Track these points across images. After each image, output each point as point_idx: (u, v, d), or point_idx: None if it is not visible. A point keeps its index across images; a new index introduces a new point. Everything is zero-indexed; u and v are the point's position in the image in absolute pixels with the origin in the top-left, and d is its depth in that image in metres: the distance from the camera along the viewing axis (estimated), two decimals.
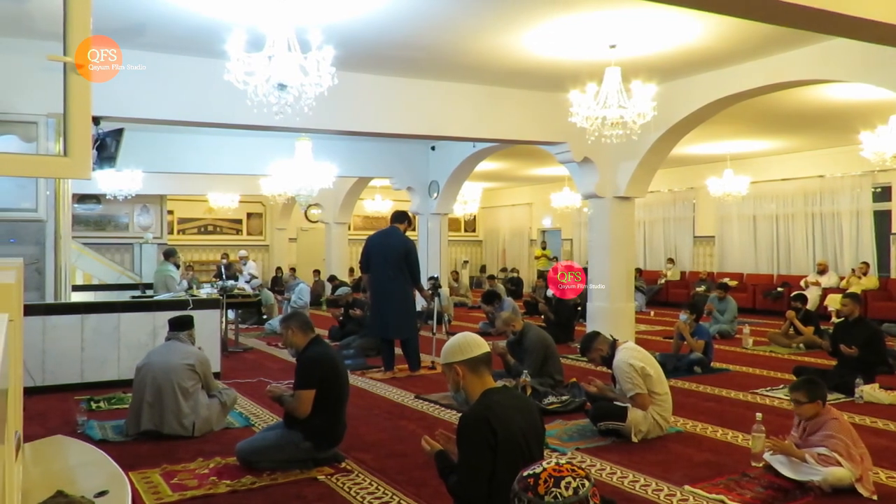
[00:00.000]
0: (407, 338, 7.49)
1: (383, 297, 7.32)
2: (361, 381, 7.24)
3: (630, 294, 9.31)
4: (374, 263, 7.36)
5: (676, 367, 7.58)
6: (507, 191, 22.25)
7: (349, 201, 16.33)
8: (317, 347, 4.33)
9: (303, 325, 4.37)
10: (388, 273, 7.30)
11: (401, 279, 7.39)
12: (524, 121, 8.57)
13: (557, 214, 18.49)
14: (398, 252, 7.38)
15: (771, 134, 11.95)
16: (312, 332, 4.41)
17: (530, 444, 2.77)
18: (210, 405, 5.12)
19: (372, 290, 7.45)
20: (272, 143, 11.52)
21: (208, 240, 20.08)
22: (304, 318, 4.45)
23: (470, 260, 23.26)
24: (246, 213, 20.42)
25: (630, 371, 4.85)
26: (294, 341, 4.35)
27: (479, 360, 2.87)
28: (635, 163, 8.82)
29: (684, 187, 16.28)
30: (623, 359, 4.91)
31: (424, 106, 8.06)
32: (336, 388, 4.28)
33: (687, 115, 8.08)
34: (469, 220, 23.21)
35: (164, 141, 11.00)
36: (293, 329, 4.35)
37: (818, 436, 4.06)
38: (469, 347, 2.89)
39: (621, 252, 9.16)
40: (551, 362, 6.17)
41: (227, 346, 9.08)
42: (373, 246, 7.40)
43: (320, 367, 4.22)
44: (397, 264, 7.34)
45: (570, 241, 20.16)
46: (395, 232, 7.57)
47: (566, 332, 9.73)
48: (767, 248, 14.64)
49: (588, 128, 6.40)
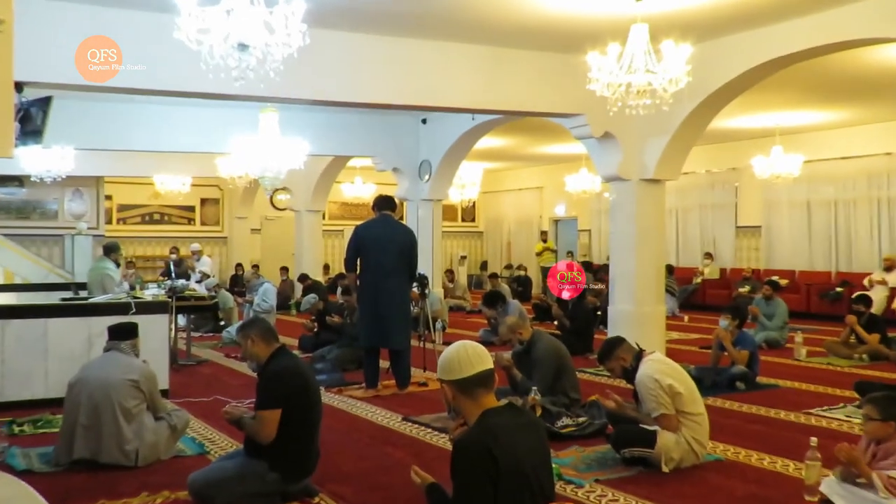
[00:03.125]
0: (403, 349, 7.54)
1: (381, 299, 7.34)
2: (338, 399, 7.25)
3: (660, 296, 9.33)
4: (371, 259, 7.39)
5: (715, 383, 7.60)
6: (512, 172, 22.25)
7: (324, 185, 16.29)
8: (282, 359, 4.35)
9: (265, 333, 4.39)
10: (387, 270, 7.34)
11: (401, 277, 7.45)
12: (533, 88, 8.57)
13: (573, 201, 18.50)
14: (404, 245, 7.46)
15: (828, 104, 11.97)
16: (276, 341, 4.44)
17: (539, 475, 2.78)
18: (157, 429, 5.12)
19: (365, 292, 7.44)
20: (231, 115, 11.49)
21: (154, 231, 20.03)
22: (266, 325, 4.48)
23: (468, 255, 23.28)
24: (200, 198, 20.36)
25: (655, 388, 4.85)
26: (254, 352, 4.37)
27: (471, 382, 2.86)
28: (666, 138, 8.83)
29: (724, 168, 16.31)
30: (647, 373, 4.91)
31: (414, 70, 8.05)
32: (306, 407, 4.30)
33: (728, 82, 8.08)
34: (467, 208, 23.24)
35: (100, 112, 10.96)
36: (253, 338, 4.37)
37: (891, 460, 4.08)
38: (461, 365, 2.87)
39: (649, 245, 9.17)
40: (566, 377, 6.19)
41: (178, 359, 9.06)
42: (369, 238, 7.40)
43: (286, 383, 4.24)
44: (400, 260, 7.41)
45: (587, 232, 20.18)
46: (394, 222, 7.65)
47: (583, 340, 9.75)
48: (824, 240, 14.69)
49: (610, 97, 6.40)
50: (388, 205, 7.64)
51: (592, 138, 9.06)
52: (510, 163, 20.78)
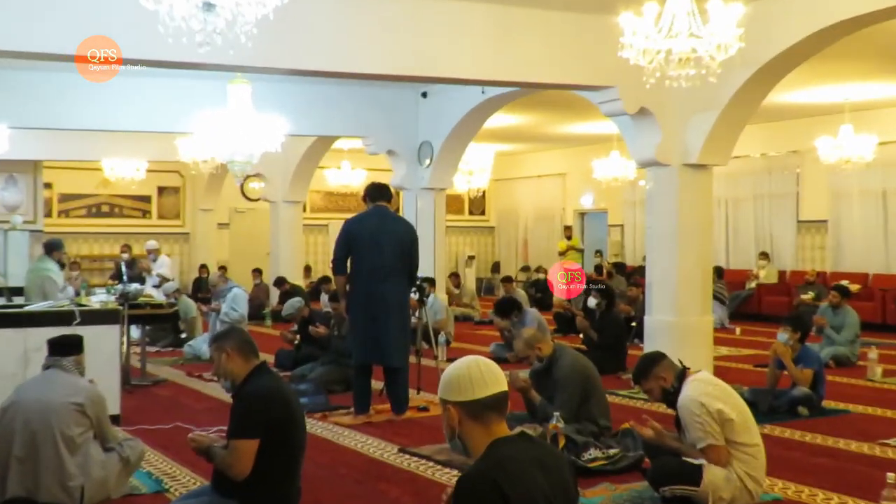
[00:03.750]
0: (402, 366, 7.56)
1: (377, 307, 7.35)
2: (322, 427, 7.26)
3: (706, 303, 9.33)
4: (364, 260, 7.40)
5: (773, 408, 7.60)
6: (530, 156, 22.24)
7: (304, 171, 16.29)
8: (262, 379, 4.36)
9: (243, 347, 4.41)
10: (383, 273, 7.37)
11: (400, 281, 7.50)
12: (555, 55, 8.56)
13: (602, 190, 18.49)
14: (403, 242, 7.50)
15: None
16: (256, 356, 4.46)
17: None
18: (106, 462, 5.12)
19: (357, 298, 7.45)
20: (195, 87, 11.49)
21: (103, 225, 20.06)
22: (245, 337, 4.50)
23: (477, 255, 23.28)
24: (157, 187, 20.38)
25: (701, 414, 4.85)
26: (230, 369, 4.38)
27: (484, 405, 2.84)
28: (713, 116, 8.82)
29: (784, 151, 16.30)
30: (692, 396, 4.91)
31: (412, 34, 8.04)
32: (289, 438, 4.31)
33: (787, 48, 8.06)
34: (476, 199, 23.25)
35: (38, 84, 10.98)
36: (229, 351, 4.37)
37: None
38: (473, 384, 2.85)
39: (693, 244, 9.16)
40: (594, 400, 6.18)
41: (131, 378, 9.07)
42: (361, 233, 7.42)
43: (267, 408, 4.24)
44: (398, 261, 7.44)
45: (619, 228, 20.18)
46: (392, 215, 7.68)
47: (615, 357, 9.76)
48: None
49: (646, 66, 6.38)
50: (382, 194, 7.64)
51: (625, 115, 9.05)
52: (527, 145, 20.77)
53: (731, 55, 6.27)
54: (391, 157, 13.34)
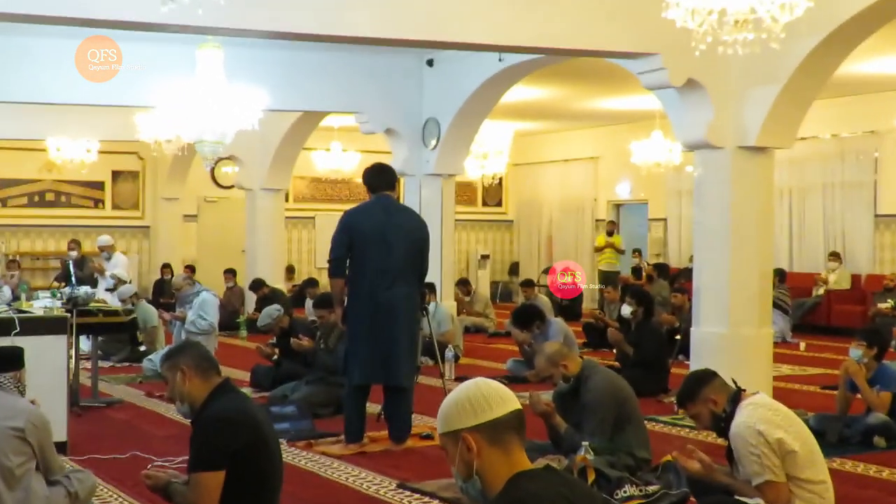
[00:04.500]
0: (409, 386, 7.63)
1: (384, 316, 7.38)
2: (307, 457, 7.29)
3: (765, 313, 9.34)
4: (369, 260, 7.42)
5: (844, 438, 7.59)
6: (555, 137, 22.22)
7: (287, 153, 16.30)
8: (226, 400, 4.38)
9: (200, 363, 4.44)
10: (392, 275, 7.41)
11: (409, 286, 7.55)
12: (587, 17, 8.55)
13: (641, 178, 18.46)
14: (415, 240, 7.58)
15: None
16: (218, 373, 4.48)
17: None
18: (50, 498, 5.13)
19: (359, 306, 7.44)
20: (157, 53, 11.51)
21: (47, 217, 20.08)
22: (202, 351, 4.56)
23: (492, 254, 23.28)
24: (111, 171, 20.41)
25: (758, 444, 4.84)
26: (186, 391, 4.40)
27: (504, 425, 2.86)
28: (775, 90, 8.81)
29: (859, 131, 16.27)
30: (747, 422, 4.91)
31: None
32: (261, 469, 4.32)
33: (863, 9, 8.04)
34: (491, 187, 23.19)
35: None
36: (184, 369, 4.40)
37: None
38: (485, 403, 2.86)
39: (750, 242, 9.16)
40: (630, 428, 6.20)
41: (79, 399, 9.09)
42: (366, 229, 7.42)
43: (232, 433, 4.25)
44: (409, 261, 7.50)
45: (661, 222, 20.15)
46: (399, 206, 7.80)
47: (655, 376, 9.78)
48: None
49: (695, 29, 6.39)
50: (386, 181, 7.69)
51: (670, 88, 9.05)
52: (552, 123, 20.74)
53: (798, 17, 6.27)
54: (390, 137, 13.34)
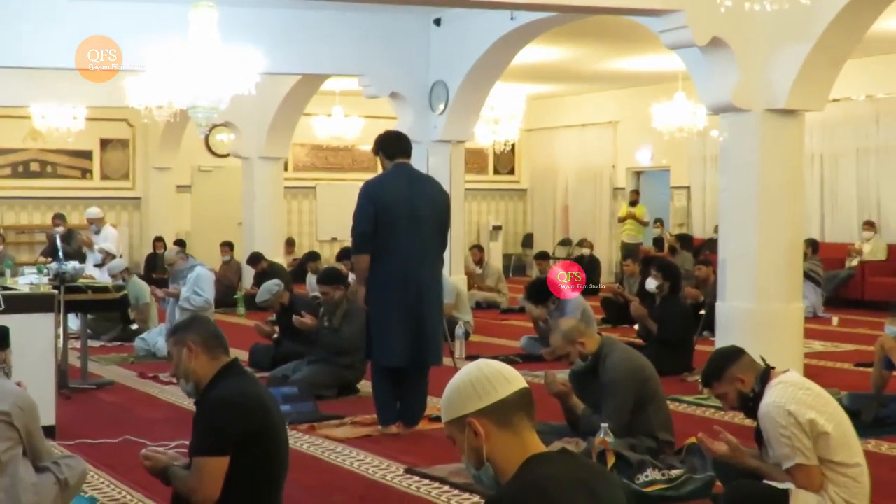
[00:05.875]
0: (437, 365, 7.77)
1: (416, 298, 7.43)
2: (309, 441, 7.33)
3: (795, 287, 9.34)
4: (399, 236, 7.41)
5: (880, 419, 7.58)
6: (572, 100, 22.14)
7: (285, 119, 16.27)
8: (233, 381, 4.38)
9: (208, 341, 4.44)
10: (422, 252, 7.49)
11: (437, 264, 7.72)
12: None
13: (663, 143, 18.43)
14: (441, 213, 7.62)
15: None
16: (226, 353, 4.49)
17: None
18: (39, 485, 5.14)
19: (387, 287, 7.44)
20: (147, 12, 11.49)
21: (32, 188, 20.09)
22: (212, 328, 4.55)
23: (505, 225, 23.25)
24: (99, 139, 20.39)
25: (788, 425, 4.83)
26: (192, 369, 4.40)
27: (511, 406, 2.85)
28: (807, 48, 8.77)
29: (895, 92, 16.16)
30: (777, 402, 4.90)
31: None
32: (266, 454, 4.33)
33: None
34: (503, 154, 23.10)
35: None
36: (191, 346, 4.39)
37: None
38: (489, 384, 2.85)
39: (779, 210, 9.14)
40: (652, 409, 6.21)
41: (68, 380, 9.10)
42: (391, 201, 7.41)
43: (239, 418, 4.26)
44: (436, 237, 7.61)
45: (684, 190, 20.11)
46: (421, 175, 7.83)
47: (679, 354, 9.80)
48: None
49: None
50: (403, 148, 7.68)
51: (694, 47, 9.02)
52: (568, 85, 20.66)
53: None
54: (395, 101, 13.30)
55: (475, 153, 21.59)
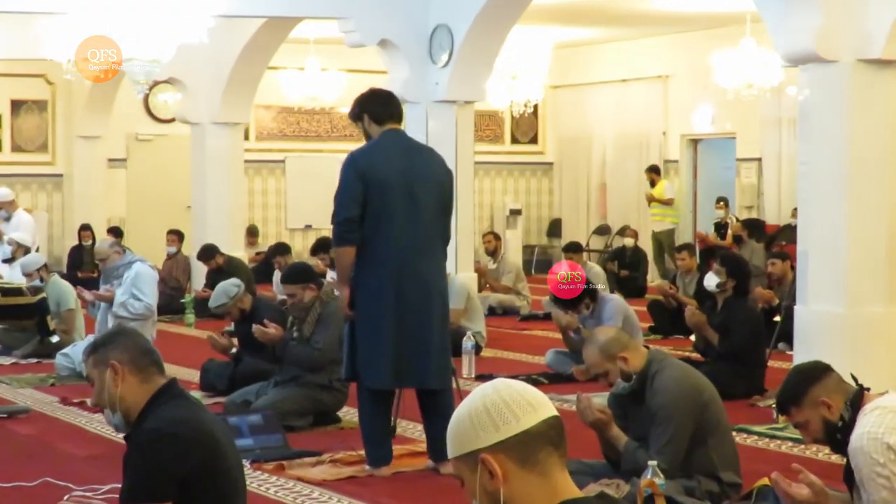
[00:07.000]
0: (446, 387, 7.70)
1: (413, 298, 7.47)
2: (278, 484, 7.37)
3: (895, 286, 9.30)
4: (394, 219, 7.47)
5: None
6: (609, 49, 22.24)
7: (246, 75, 16.37)
8: (172, 408, 4.42)
9: (137, 359, 4.48)
10: (421, 240, 7.56)
11: (439, 255, 7.80)
12: None
13: (727, 103, 18.46)
14: (444, 191, 7.74)
15: None
16: (161, 373, 4.53)
17: None
18: None
19: (380, 284, 7.46)
20: None
21: None
22: (140, 343, 4.60)
23: (526, 209, 23.30)
24: (10, 101, 20.47)
25: (887, 462, 4.87)
26: (120, 396, 4.45)
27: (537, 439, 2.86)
28: None
29: None
30: (873, 433, 4.96)
31: None
32: (220, 498, 4.35)
33: None
34: (524, 118, 23.20)
35: None
36: (116, 366, 4.42)
37: None
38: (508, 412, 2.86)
39: (874, 188, 9.20)
40: (712, 442, 6.29)
41: None
42: (382, 176, 7.43)
43: (181, 455, 4.28)
44: (438, 220, 7.68)
45: (754, 163, 20.15)
46: (417, 144, 8.06)
47: (748, 372, 9.86)
48: None
49: None
50: (392, 111, 7.71)
51: None
52: (605, 30, 20.74)
53: None
54: (386, 51, 13.34)
55: (487, 117, 21.74)
